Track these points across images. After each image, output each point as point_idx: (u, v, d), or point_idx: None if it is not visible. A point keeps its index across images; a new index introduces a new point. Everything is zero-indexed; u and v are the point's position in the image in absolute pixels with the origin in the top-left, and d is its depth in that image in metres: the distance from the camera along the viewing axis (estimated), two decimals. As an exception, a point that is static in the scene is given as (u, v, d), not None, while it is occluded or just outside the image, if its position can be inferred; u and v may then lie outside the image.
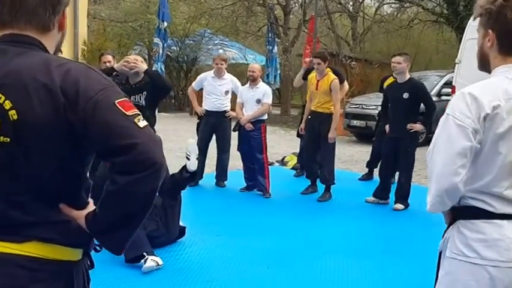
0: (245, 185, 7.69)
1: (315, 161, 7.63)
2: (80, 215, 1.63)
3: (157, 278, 4.47)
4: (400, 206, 6.89)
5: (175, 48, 20.10)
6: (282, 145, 12.46)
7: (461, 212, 2.08)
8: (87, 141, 1.55)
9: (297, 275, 4.65)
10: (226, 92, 7.87)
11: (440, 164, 1.99)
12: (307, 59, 8.89)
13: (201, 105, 8.02)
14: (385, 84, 7.65)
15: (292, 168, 9.35)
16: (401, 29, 19.57)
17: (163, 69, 17.61)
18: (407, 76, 6.91)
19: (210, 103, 7.79)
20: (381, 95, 7.75)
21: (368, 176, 8.83)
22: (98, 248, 1.72)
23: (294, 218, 6.47)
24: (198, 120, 8.05)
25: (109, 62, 7.11)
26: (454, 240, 2.09)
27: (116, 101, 1.55)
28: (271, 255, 5.14)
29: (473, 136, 1.95)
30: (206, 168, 8.02)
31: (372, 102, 13.27)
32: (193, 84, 8.22)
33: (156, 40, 17.56)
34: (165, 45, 17.78)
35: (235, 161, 8.45)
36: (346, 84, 8.28)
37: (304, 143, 8.23)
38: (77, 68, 1.57)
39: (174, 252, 5.15)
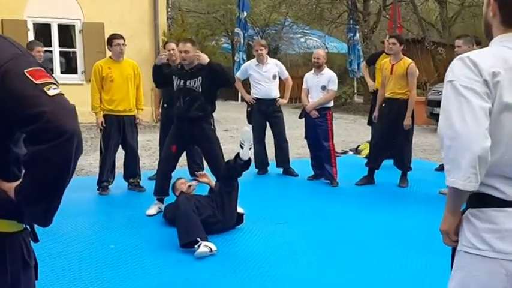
0: (312, 173, 7.57)
1: (386, 151, 7.42)
2: (10, 187, 1.64)
3: (209, 264, 4.48)
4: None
5: (256, 37, 20.18)
6: (360, 133, 12.19)
7: (470, 200, 1.91)
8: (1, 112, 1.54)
9: (350, 268, 4.49)
10: (274, 77, 7.82)
11: (466, 130, 1.78)
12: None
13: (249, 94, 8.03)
14: None
15: (366, 157, 9.10)
16: (491, 12, 18.55)
17: (245, 59, 17.70)
18: None
19: (259, 90, 7.79)
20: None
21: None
22: None
23: (359, 208, 6.28)
24: (249, 109, 8.03)
25: (173, 49, 7.26)
26: (464, 231, 1.93)
27: (26, 70, 1.53)
28: (328, 245, 5.01)
29: (487, 98, 1.80)
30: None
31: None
32: (238, 74, 8.26)
33: (237, 30, 17.77)
34: (246, 34, 17.90)
35: (305, 149, 8.35)
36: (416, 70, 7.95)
37: (377, 132, 7.96)
38: None
39: (230, 238, 5.15)
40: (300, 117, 7.58)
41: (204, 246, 4.61)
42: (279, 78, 7.93)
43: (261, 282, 4.18)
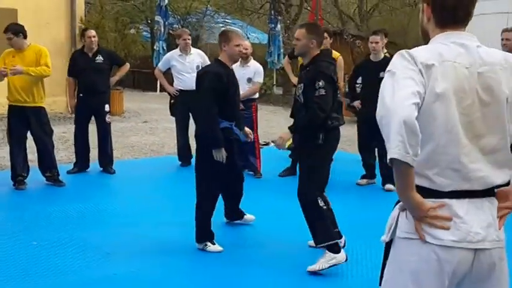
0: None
1: None
2: None
3: (131, 260, 4.42)
4: (391, 186, 6.56)
5: (177, 26, 19.89)
6: (282, 125, 12.31)
7: None
8: None
9: (271, 256, 4.61)
10: (197, 67, 7.56)
11: (393, 103, 1.85)
12: None
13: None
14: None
15: (288, 149, 9.19)
16: (406, 6, 19.29)
17: (165, 48, 17.31)
18: (382, 55, 6.76)
19: (182, 82, 7.65)
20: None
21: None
22: None
23: (282, 198, 6.30)
24: (171, 101, 7.86)
25: (93, 37, 7.05)
26: (402, 219, 2.02)
27: None
28: (248, 233, 5.15)
29: (421, 85, 1.91)
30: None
31: (374, 81, 13.03)
32: (160, 65, 8.11)
33: (158, 18, 17.29)
34: (167, 23, 17.51)
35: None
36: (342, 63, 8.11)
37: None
38: None
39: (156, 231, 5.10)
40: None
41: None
42: None
43: (181, 275, 4.18)
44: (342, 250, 4.30)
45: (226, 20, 20.17)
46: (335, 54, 7.19)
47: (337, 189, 6.87)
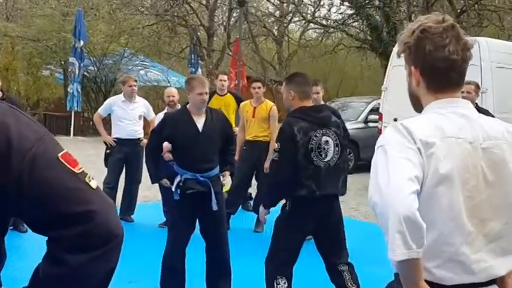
0: (165, 219, 6.95)
1: (244, 195, 7.37)
2: None
3: None
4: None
5: (92, 68, 19.16)
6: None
7: None
8: (20, 206, 1.22)
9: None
10: (140, 117, 7.25)
11: (389, 190, 1.59)
12: None
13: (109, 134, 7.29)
14: None
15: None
16: (326, 54, 19.63)
17: (79, 90, 16.94)
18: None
19: (122, 130, 7.11)
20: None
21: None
22: None
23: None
24: (107, 151, 7.21)
25: None
26: None
27: (59, 155, 1.27)
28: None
29: (420, 168, 1.65)
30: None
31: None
32: (100, 110, 7.50)
33: (72, 60, 16.95)
34: (82, 65, 17.14)
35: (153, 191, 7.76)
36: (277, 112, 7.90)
37: (236, 175, 7.59)
38: (2, 112, 1.22)
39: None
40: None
41: None
42: (144, 118, 7.39)
43: None
44: None
45: (145, 63, 19.69)
46: (268, 103, 7.03)
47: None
